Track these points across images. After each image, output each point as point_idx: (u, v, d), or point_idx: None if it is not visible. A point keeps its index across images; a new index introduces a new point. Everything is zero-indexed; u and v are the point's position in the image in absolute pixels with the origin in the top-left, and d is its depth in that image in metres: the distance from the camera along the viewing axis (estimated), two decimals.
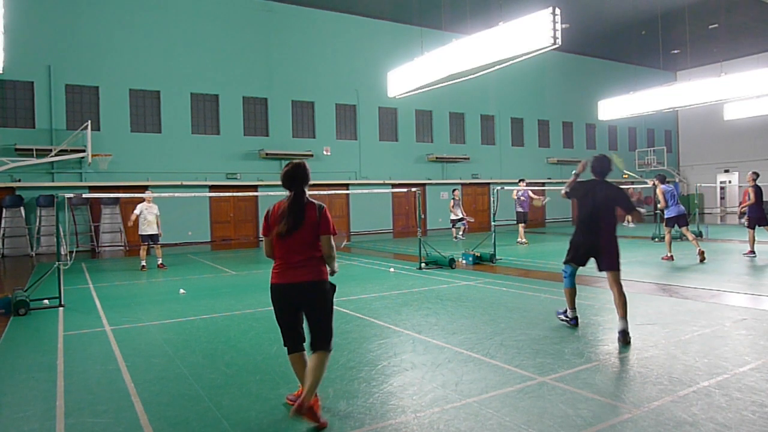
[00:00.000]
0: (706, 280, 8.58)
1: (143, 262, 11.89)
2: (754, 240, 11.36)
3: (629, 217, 24.12)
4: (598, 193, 5.41)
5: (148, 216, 11.66)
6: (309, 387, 3.39)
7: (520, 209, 15.95)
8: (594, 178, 5.56)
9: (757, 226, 11.41)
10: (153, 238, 11.84)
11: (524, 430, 3.25)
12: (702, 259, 10.67)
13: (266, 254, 3.72)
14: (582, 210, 5.48)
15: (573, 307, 5.75)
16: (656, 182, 11.67)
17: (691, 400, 3.63)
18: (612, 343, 5.10)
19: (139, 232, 11.78)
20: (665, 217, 11.39)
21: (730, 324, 5.66)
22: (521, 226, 15.96)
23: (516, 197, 15.93)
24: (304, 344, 3.70)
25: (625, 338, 5.10)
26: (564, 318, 5.85)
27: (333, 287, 3.68)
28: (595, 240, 5.39)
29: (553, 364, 4.47)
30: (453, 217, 17.33)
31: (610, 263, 5.31)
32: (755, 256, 11.11)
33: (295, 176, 3.58)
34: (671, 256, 11.15)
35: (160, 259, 12.32)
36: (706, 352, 4.68)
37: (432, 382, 4.12)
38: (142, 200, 11.91)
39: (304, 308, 3.61)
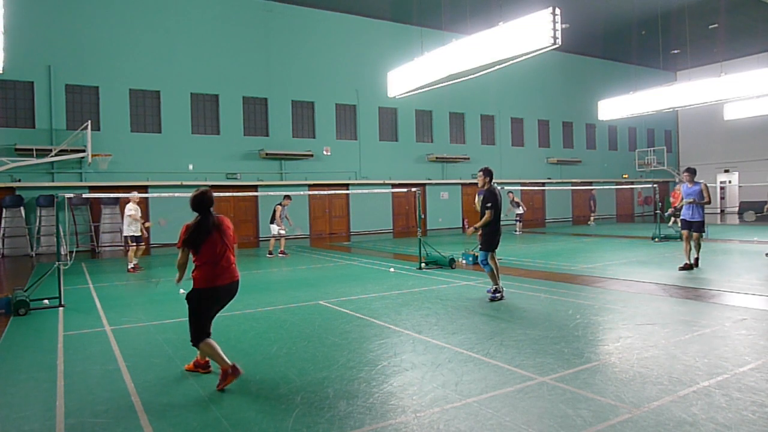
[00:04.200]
0: (706, 280, 8.58)
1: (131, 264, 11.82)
2: None
3: (591, 218, 24.56)
4: (498, 197, 7.55)
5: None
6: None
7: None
8: (494, 184, 7.56)
9: None
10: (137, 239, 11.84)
11: (524, 430, 3.25)
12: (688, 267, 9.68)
13: (181, 262, 4.32)
14: (496, 211, 7.44)
15: (498, 283, 7.42)
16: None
17: (691, 400, 3.63)
18: (612, 343, 5.10)
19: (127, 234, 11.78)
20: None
21: (730, 324, 5.65)
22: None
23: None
24: None
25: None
26: (496, 295, 7.35)
27: None
28: (499, 231, 7.64)
29: (553, 364, 4.47)
30: (520, 210, 20.39)
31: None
32: None
33: (206, 201, 4.35)
34: (694, 260, 9.97)
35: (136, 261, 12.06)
36: (706, 352, 4.68)
37: (432, 382, 4.12)
38: (141, 201, 11.85)
39: (227, 301, 4.44)
